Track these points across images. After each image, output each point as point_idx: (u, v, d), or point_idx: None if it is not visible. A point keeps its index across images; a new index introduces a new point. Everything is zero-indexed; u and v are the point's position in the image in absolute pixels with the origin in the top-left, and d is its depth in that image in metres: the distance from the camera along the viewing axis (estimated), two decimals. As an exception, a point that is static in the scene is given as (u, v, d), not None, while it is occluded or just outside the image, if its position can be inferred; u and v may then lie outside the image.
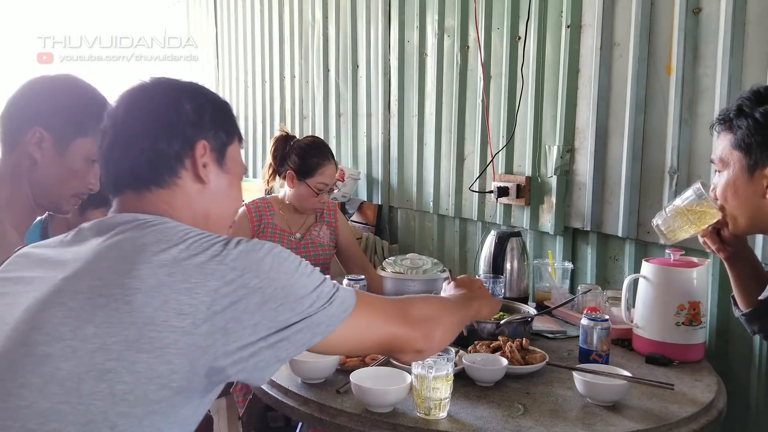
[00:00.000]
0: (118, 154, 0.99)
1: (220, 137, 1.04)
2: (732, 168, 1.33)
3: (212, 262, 0.85)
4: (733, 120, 1.33)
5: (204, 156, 1.01)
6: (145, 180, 0.99)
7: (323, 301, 0.92)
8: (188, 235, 0.88)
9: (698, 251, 1.90)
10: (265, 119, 4.40)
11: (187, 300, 0.82)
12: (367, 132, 3.38)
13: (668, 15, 1.99)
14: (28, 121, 1.34)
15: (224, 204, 1.06)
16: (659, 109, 2.03)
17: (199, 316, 0.82)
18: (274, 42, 4.24)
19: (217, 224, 1.04)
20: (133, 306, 0.80)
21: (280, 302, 0.87)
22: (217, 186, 1.04)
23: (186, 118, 1.00)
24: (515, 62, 2.50)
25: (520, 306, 1.89)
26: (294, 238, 2.40)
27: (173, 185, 1.00)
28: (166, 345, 0.80)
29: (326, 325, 0.92)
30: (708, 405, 1.39)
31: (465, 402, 1.36)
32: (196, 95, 1.04)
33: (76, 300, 0.82)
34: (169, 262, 0.84)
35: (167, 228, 0.90)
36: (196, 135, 1.01)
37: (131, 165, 0.98)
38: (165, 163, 0.99)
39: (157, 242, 0.87)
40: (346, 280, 1.96)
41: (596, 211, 2.23)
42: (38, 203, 1.39)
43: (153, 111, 1.00)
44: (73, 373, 0.79)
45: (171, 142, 0.99)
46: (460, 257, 2.88)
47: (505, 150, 2.56)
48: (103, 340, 0.80)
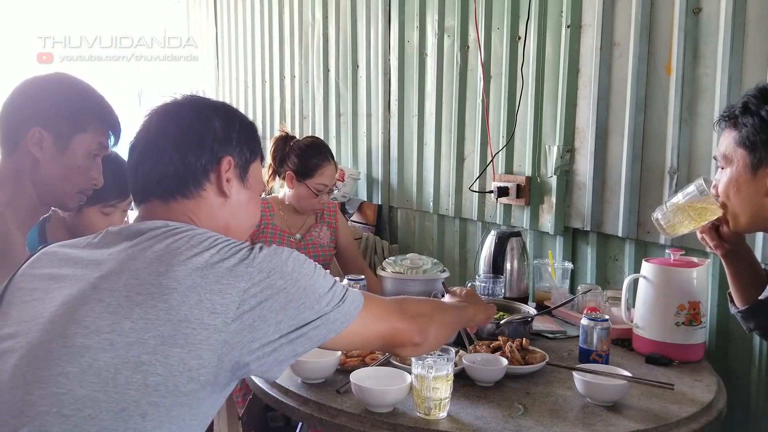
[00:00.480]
0: (148, 165, 1.06)
1: (245, 154, 1.11)
2: (735, 165, 1.33)
3: (241, 265, 0.92)
4: (738, 117, 1.32)
5: (228, 171, 1.08)
6: (172, 190, 1.05)
7: (338, 299, 1.00)
8: (217, 242, 0.95)
9: (698, 251, 1.90)
10: (265, 119, 4.40)
11: (219, 300, 0.89)
12: (367, 132, 3.38)
13: (668, 15, 1.99)
14: (26, 121, 1.35)
15: (242, 218, 1.13)
16: (659, 109, 2.03)
17: (229, 315, 0.88)
18: (274, 42, 4.24)
19: (234, 236, 1.07)
20: (170, 304, 0.87)
21: (302, 301, 0.94)
22: (237, 200, 1.11)
23: (214, 134, 1.07)
24: (515, 62, 2.50)
25: (520, 306, 1.89)
26: (294, 238, 2.39)
27: (198, 197, 1.06)
28: (198, 341, 0.87)
29: (340, 322, 1.00)
30: (708, 405, 1.39)
31: (465, 402, 1.36)
32: (226, 113, 1.11)
33: (114, 297, 0.88)
34: (201, 265, 0.91)
35: (197, 234, 0.96)
36: (223, 150, 1.08)
37: (160, 175, 1.05)
38: (192, 175, 1.05)
39: (189, 247, 0.93)
40: (346, 280, 1.96)
41: (596, 211, 2.23)
42: (43, 202, 1.41)
43: (184, 126, 1.07)
44: (110, 364, 0.84)
45: (199, 155, 1.05)
46: (460, 257, 2.88)
47: (505, 150, 2.56)
48: (139, 335, 0.86)
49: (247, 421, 2.18)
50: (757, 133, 1.29)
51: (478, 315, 1.42)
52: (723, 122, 1.38)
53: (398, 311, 1.13)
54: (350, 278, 1.97)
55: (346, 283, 1.94)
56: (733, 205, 1.36)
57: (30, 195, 1.38)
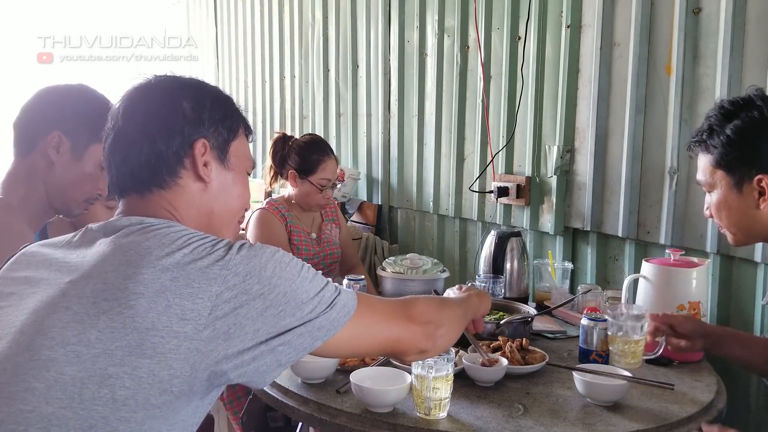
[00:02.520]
0: (119, 156, 0.99)
1: (221, 134, 1.03)
2: (720, 188, 1.34)
3: (215, 266, 0.85)
4: (706, 141, 1.34)
5: (205, 154, 1.00)
6: (146, 182, 0.98)
7: (325, 305, 0.92)
8: (192, 239, 0.89)
9: (698, 251, 1.91)
10: (265, 119, 4.40)
11: (190, 305, 0.82)
12: (367, 132, 3.38)
13: (668, 15, 1.99)
14: (47, 125, 1.40)
15: (228, 201, 1.05)
16: (659, 109, 2.03)
17: (200, 321, 0.82)
18: (274, 42, 4.24)
19: (221, 222, 1.04)
20: (136, 311, 0.81)
21: (282, 308, 0.87)
22: (219, 184, 1.03)
23: (184, 117, 0.99)
24: (515, 62, 2.50)
25: (520, 306, 1.89)
26: (311, 237, 2.41)
27: (174, 186, 0.99)
28: (168, 350, 0.81)
29: (327, 329, 0.92)
30: (708, 405, 1.39)
31: (465, 402, 1.36)
32: (195, 92, 1.02)
33: (81, 304, 0.83)
34: (172, 266, 0.84)
35: (171, 232, 0.90)
36: (195, 133, 0.99)
37: (132, 167, 0.98)
38: (164, 164, 0.98)
39: (161, 246, 0.87)
40: (346, 280, 1.96)
41: (596, 211, 2.23)
42: (51, 204, 1.46)
43: (151, 111, 0.99)
44: (76, 378, 0.79)
45: (169, 142, 0.98)
46: (460, 257, 2.88)
47: (505, 150, 2.56)
48: (106, 345, 0.80)
49: (247, 421, 2.18)
50: (730, 152, 1.30)
51: (483, 303, 1.35)
52: (694, 147, 1.39)
53: (401, 316, 1.05)
54: (350, 278, 1.97)
55: (346, 282, 1.94)
56: (728, 224, 1.37)
57: (41, 196, 1.43)
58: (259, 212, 2.36)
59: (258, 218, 2.34)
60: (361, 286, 1.94)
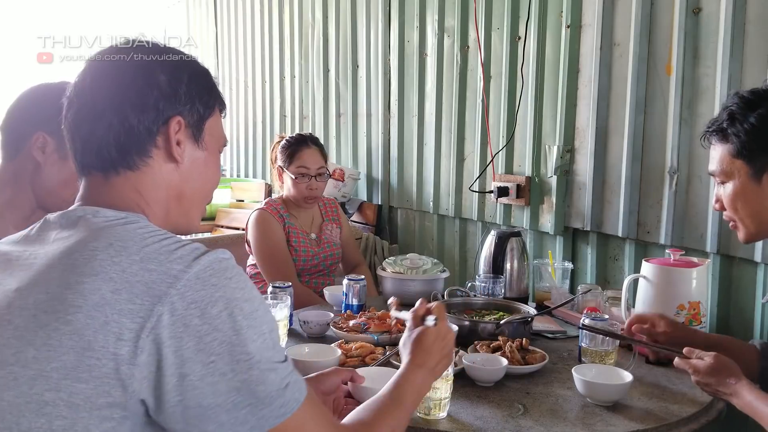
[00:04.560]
0: (85, 130, 0.88)
1: (197, 110, 0.92)
2: (737, 178, 1.31)
3: (162, 283, 0.74)
4: (727, 129, 1.30)
5: (179, 132, 0.90)
6: (113, 161, 0.88)
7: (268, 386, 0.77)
8: (147, 243, 0.78)
9: (698, 251, 1.91)
10: (265, 119, 4.40)
11: (129, 323, 0.72)
12: (367, 132, 3.38)
13: (668, 15, 1.99)
14: (31, 126, 1.37)
15: (199, 181, 0.95)
16: (659, 109, 2.03)
17: (138, 344, 0.71)
18: (274, 42, 4.24)
19: (191, 203, 0.95)
20: (73, 326, 0.71)
21: (213, 359, 0.73)
22: (191, 164, 0.93)
23: (159, 90, 0.88)
24: (515, 62, 2.50)
25: (520, 306, 1.89)
26: (310, 238, 2.41)
27: (144, 166, 0.89)
28: (104, 374, 0.71)
29: (250, 426, 0.76)
30: (708, 405, 1.39)
31: (465, 402, 1.36)
32: (172, 64, 0.92)
33: (23, 317, 0.74)
34: (116, 275, 0.74)
35: (126, 231, 0.80)
36: (171, 109, 0.89)
37: (99, 144, 0.87)
38: (135, 141, 0.87)
39: (107, 248, 0.76)
40: (346, 280, 1.96)
41: (596, 211, 2.23)
42: (42, 206, 1.43)
43: (124, 82, 0.88)
44: (13, 405, 0.70)
45: (141, 117, 0.87)
46: (460, 257, 2.88)
47: (505, 150, 2.56)
48: (42, 366, 0.71)
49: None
50: (753, 140, 1.26)
51: (437, 369, 1.12)
52: (712, 137, 1.35)
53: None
54: (350, 278, 1.97)
55: (346, 282, 1.94)
56: (742, 216, 1.33)
57: (28, 199, 1.40)
58: (258, 212, 2.36)
59: (256, 219, 2.34)
60: (361, 287, 1.94)
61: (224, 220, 4.11)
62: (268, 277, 2.26)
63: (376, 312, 1.80)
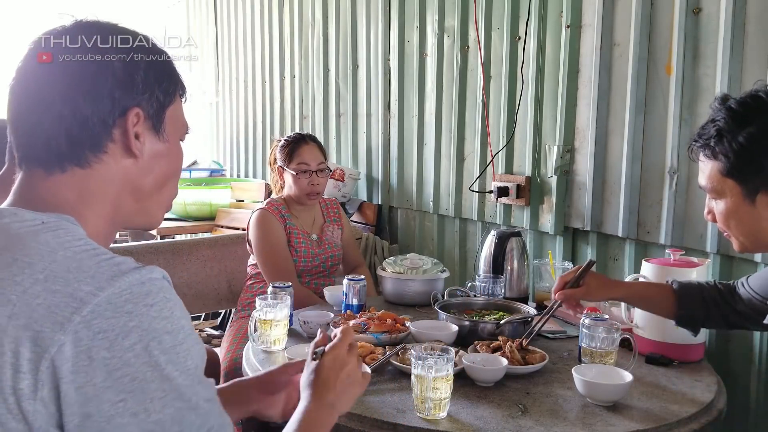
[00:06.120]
0: (33, 120, 0.78)
1: (157, 99, 0.83)
2: (729, 197, 1.23)
3: (67, 308, 0.65)
4: (715, 147, 1.22)
5: (137, 125, 0.81)
6: (62, 156, 0.78)
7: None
8: (56, 259, 0.69)
9: (698, 251, 1.90)
10: (265, 119, 4.40)
11: (27, 353, 0.64)
12: (367, 132, 3.38)
13: (668, 15, 1.99)
14: None
15: (160, 175, 0.86)
16: (659, 109, 2.03)
17: (38, 377, 0.63)
18: (274, 42, 4.24)
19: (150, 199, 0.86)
20: None
21: (122, 397, 0.65)
22: (151, 158, 0.84)
23: (114, 79, 0.79)
24: (515, 62, 2.50)
25: (520, 306, 1.89)
26: (311, 239, 2.40)
27: (96, 163, 0.79)
28: (7, 411, 0.64)
29: None
30: (708, 405, 1.39)
31: (465, 402, 1.36)
32: (127, 49, 0.82)
33: None
34: (15, 297, 0.66)
35: (37, 243, 0.71)
36: (128, 99, 0.80)
37: (48, 136, 0.78)
38: (88, 134, 0.78)
39: (12, 263, 0.68)
40: (346, 280, 1.96)
41: (596, 211, 2.23)
42: None
43: (74, 69, 0.79)
44: None
45: (95, 108, 0.78)
46: (460, 257, 2.88)
47: (505, 150, 2.56)
48: None
49: (246, 422, 2.18)
50: (743, 162, 1.18)
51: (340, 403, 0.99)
52: (698, 151, 1.27)
53: None
54: (350, 278, 1.97)
55: (346, 282, 1.94)
56: (735, 233, 1.28)
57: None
58: (259, 212, 2.36)
59: (257, 218, 2.34)
60: (361, 287, 1.94)
61: (224, 220, 4.12)
62: (268, 277, 2.26)
63: (376, 312, 1.80)
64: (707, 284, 1.52)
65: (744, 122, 1.18)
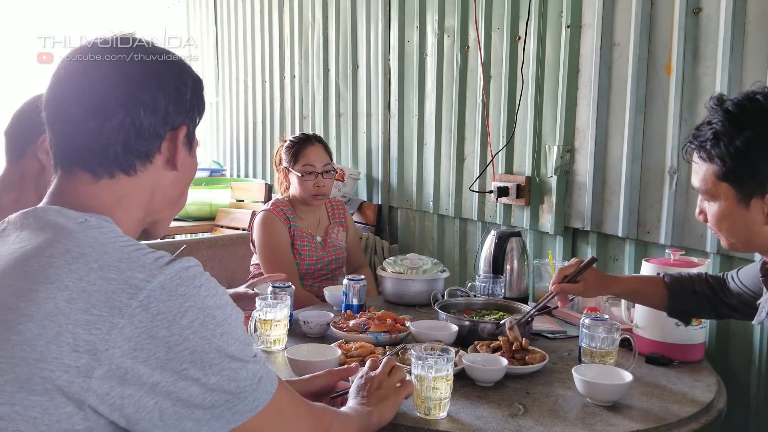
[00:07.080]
0: (91, 126, 0.82)
1: (195, 119, 0.91)
2: (723, 200, 1.22)
3: (123, 294, 0.71)
4: (710, 150, 1.20)
5: (181, 141, 0.89)
6: (115, 163, 0.83)
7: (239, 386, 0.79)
8: (107, 251, 0.75)
9: (698, 251, 1.91)
10: (265, 119, 4.40)
11: (84, 335, 0.69)
12: (367, 132, 3.38)
13: (668, 15, 1.99)
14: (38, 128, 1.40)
15: (184, 187, 0.94)
16: (659, 109, 2.03)
17: (96, 356, 0.69)
18: (274, 42, 4.24)
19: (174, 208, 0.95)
20: (24, 336, 0.68)
21: (185, 366, 0.73)
22: (183, 171, 0.91)
23: (169, 95, 0.85)
24: (515, 62, 2.50)
25: (520, 306, 1.89)
26: (315, 241, 2.40)
27: (141, 172, 0.85)
28: (59, 387, 0.68)
29: (227, 420, 0.78)
30: (708, 405, 1.39)
31: (465, 402, 1.36)
32: (177, 67, 0.89)
33: None
34: (72, 284, 0.71)
35: (86, 236, 0.76)
36: (178, 115, 0.87)
37: (106, 141, 0.82)
38: (143, 143, 0.84)
39: (65, 253, 0.73)
40: (346, 279, 1.97)
41: (596, 211, 2.23)
42: None
43: (134, 80, 0.83)
44: None
45: (153, 120, 0.84)
46: (460, 257, 2.88)
47: (505, 150, 2.56)
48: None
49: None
50: (739, 166, 1.16)
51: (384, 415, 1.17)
52: (693, 152, 1.26)
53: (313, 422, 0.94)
54: (350, 278, 1.97)
55: (346, 282, 1.94)
56: (728, 235, 1.27)
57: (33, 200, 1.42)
58: (264, 213, 2.36)
59: (262, 219, 2.34)
60: (361, 287, 1.95)
61: (224, 220, 4.12)
62: None
63: (376, 312, 1.80)
64: (699, 277, 1.55)
65: (741, 126, 1.16)
